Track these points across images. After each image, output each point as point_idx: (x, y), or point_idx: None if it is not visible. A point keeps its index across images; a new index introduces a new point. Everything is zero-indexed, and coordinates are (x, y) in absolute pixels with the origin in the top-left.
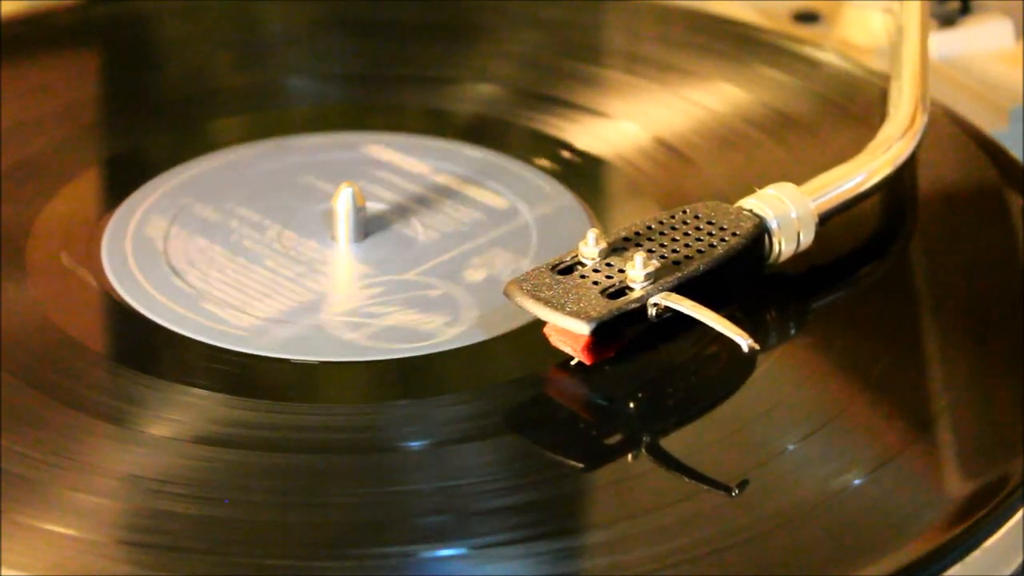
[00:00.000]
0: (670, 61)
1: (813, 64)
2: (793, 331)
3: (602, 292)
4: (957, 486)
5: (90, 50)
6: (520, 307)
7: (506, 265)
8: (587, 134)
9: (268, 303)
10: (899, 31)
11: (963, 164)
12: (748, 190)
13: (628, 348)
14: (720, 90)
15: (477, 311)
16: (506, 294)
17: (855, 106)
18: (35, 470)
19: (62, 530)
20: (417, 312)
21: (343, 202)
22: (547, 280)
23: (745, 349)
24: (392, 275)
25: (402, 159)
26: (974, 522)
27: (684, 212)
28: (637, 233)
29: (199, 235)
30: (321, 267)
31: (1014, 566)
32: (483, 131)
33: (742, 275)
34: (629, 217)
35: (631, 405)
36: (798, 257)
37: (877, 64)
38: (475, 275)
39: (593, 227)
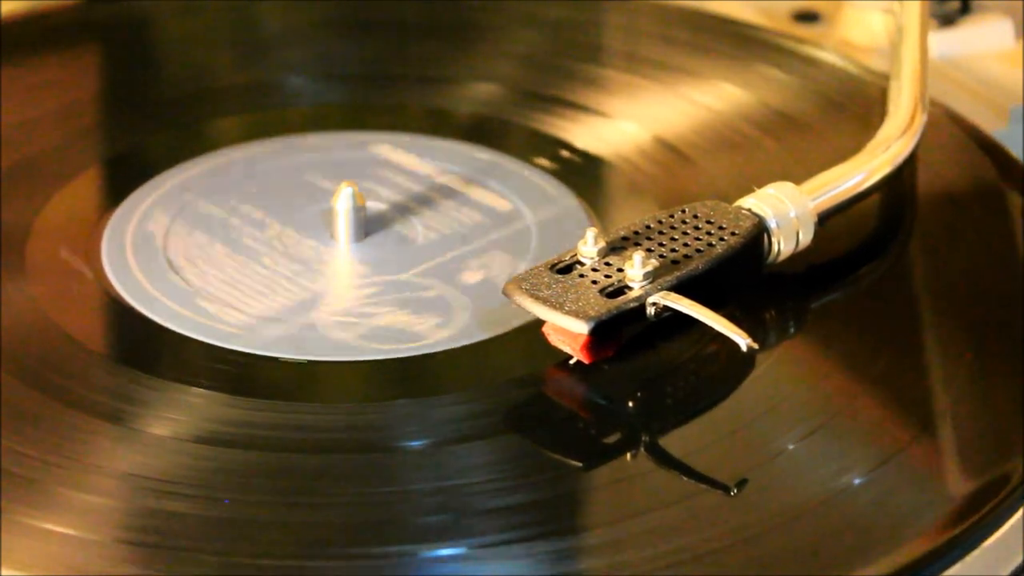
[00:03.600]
0: (670, 61)
1: (813, 64)
2: (792, 330)
3: (601, 291)
4: (957, 485)
5: (90, 50)
6: (519, 306)
7: (505, 265)
8: (587, 134)
9: (268, 302)
10: (899, 31)
11: (963, 164)
12: (748, 189)
13: (627, 347)
14: (720, 90)
15: (475, 310)
16: (505, 293)
17: (855, 105)
18: (35, 470)
19: (62, 530)
20: (412, 312)
21: (343, 202)
22: (546, 279)
23: (744, 348)
24: (391, 275)
25: (402, 159)
26: (974, 522)
27: (683, 211)
28: (636, 232)
29: (199, 234)
30: (320, 267)
31: (1014, 566)
32: (483, 131)
33: (741, 274)
34: (629, 217)
35: (630, 404)
36: (797, 256)
37: (877, 64)
38: (474, 275)
39: (592, 226)
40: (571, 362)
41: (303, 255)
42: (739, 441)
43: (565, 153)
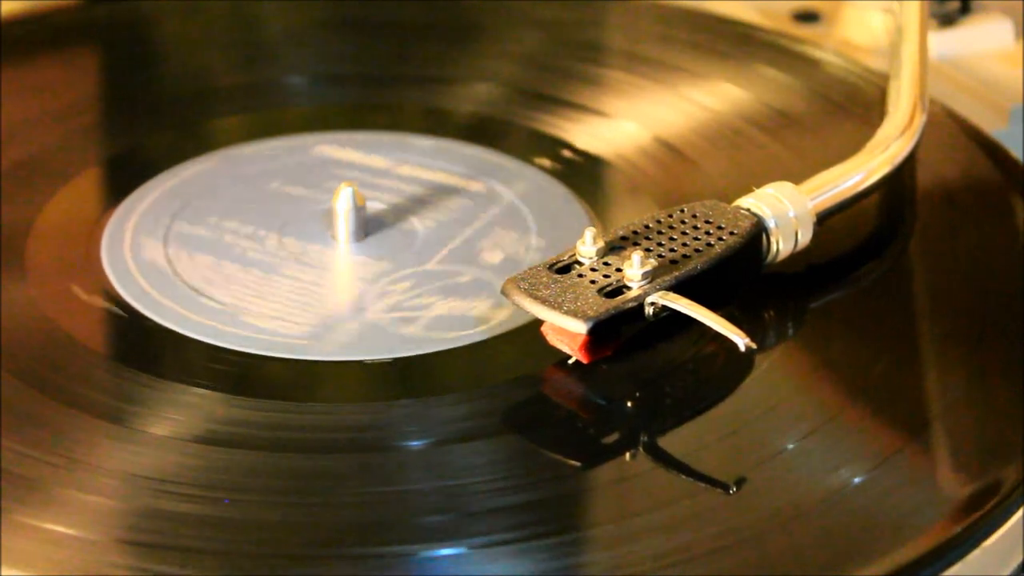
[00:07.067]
0: (670, 61)
1: (813, 64)
2: (791, 331)
3: (599, 291)
4: (956, 485)
5: (90, 50)
6: (518, 306)
7: (503, 265)
8: (587, 134)
9: (267, 301)
10: (899, 31)
11: (962, 164)
12: (747, 189)
13: (626, 347)
14: (720, 90)
15: (475, 310)
16: (504, 293)
17: (854, 105)
18: (35, 470)
19: (62, 530)
20: (412, 312)
21: (343, 202)
22: (545, 279)
23: (742, 348)
24: (393, 274)
25: (401, 159)
26: (973, 522)
27: (682, 211)
28: (635, 232)
29: (199, 233)
30: (319, 266)
31: (1013, 566)
32: (483, 131)
33: (740, 274)
34: (629, 216)
35: (629, 404)
36: (796, 256)
37: (877, 64)
38: (473, 275)
39: (591, 226)
40: (570, 362)
41: (302, 253)
42: (739, 441)
43: (565, 153)
